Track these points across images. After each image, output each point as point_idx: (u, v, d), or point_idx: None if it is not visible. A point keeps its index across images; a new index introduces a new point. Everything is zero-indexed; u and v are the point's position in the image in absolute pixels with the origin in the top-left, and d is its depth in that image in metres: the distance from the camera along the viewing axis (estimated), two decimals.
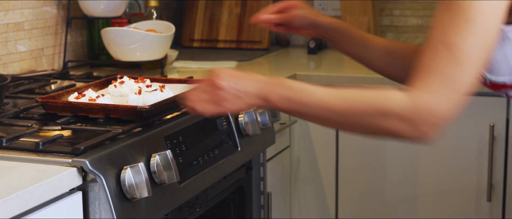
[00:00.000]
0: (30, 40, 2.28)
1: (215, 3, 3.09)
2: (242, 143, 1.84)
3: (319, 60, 2.86)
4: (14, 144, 1.42)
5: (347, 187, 2.49)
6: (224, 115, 1.33)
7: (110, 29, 2.29)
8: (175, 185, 1.52)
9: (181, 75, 2.32)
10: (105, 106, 1.56)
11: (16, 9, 2.20)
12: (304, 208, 2.54)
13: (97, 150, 1.36)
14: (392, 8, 3.05)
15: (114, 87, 1.76)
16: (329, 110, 1.23)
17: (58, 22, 2.41)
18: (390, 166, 2.42)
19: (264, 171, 2.06)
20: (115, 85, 1.76)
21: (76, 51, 2.52)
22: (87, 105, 1.57)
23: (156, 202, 1.45)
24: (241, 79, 1.30)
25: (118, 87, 1.75)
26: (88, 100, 1.61)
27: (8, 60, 2.19)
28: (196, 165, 1.63)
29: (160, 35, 2.30)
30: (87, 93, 1.65)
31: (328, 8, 3.11)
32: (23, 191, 1.18)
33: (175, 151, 1.56)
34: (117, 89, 1.75)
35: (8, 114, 1.63)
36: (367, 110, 1.20)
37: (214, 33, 3.08)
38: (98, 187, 1.33)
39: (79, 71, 2.38)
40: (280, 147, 2.38)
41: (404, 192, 2.42)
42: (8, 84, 1.66)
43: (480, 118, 2.28)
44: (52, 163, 1.32)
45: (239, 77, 1.31)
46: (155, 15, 2.58)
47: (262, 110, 1.91)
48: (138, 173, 1.37)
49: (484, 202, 2.32)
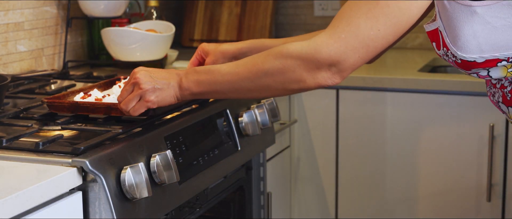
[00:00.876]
0: (30, 40, 2.28)
1: (215, 3, 3.09)
2: (242, 143, 1.84)
3: None
4: (14, 144, 1.42)
5: (347, 187, 2.49)
6: (152, 108, 1.45)
7: (110, 29, 2.29)
8: (175, 185, 1.52)
9: None
10: (111, 106, 1.56)
11: (16, 9, 2.20)
12: (304, 208, 2.54)
13: (97, 150, 1.36)
14: None
15: (119, 88, 1.75)
16: (236, 78, 1.34)
17: (58, 22, 2.41)
18: (390, 166, 2.42)
19: (264, 171, 2.06)
20: (119, 86, 1.76)
21: (76, 51, 2.52)
22: (93, 105, 1.57)
23: (156, 202, 1.45)
24: (157, 72, 1.42)
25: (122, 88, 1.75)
26: (95, 100, 1.61)
27: (8, 60, 2.19)
28: (196, 165, 1.63)
29: (160, 35, 2.30)
30: (93, 94, 1.66)
31: (328, 8, 3.11)
32: (23, 191, 1.18)
33: (175, 151, 1.56)
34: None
35: (8, 114, 1.63)
36: (268, 59, 1.29)
37: (214, 33, 3.08)
38: (98, 187, 1.33)
39: (79, 71, 2.38)
40: (280, 147, 2.38)
41: (404, 192, 2.42)
42: (8, 84, 1.66)
43: (480, 117, 2.28)
44: (52, 163, 1.32)
45: (155, 71, 1.43)
46: (155, 15, 2.58)
47: (262, 110, 1.92)
48: (138, 173, 1.37)
49: (483, 202, 2.32)
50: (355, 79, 2.40)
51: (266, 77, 1.31)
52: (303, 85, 1.29)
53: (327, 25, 1.29)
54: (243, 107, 1.89)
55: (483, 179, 2.31)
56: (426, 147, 2.36)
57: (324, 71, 1.26)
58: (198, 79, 1.39)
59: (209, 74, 1.38)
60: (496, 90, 1.31)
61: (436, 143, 2.36)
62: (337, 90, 2.45)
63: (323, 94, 2.46)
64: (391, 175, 2.43)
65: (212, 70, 1.38)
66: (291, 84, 1.30)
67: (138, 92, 1.42)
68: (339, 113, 2.46)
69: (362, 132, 2.44)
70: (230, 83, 1.35)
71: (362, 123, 2.43)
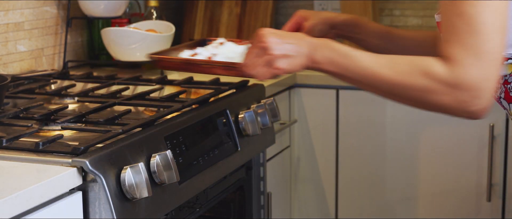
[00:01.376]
0: (30, 40, 2.28)
1: (215, 3, 3.09)
2: (242, 143, 1.84)
3: None
4: (14, 144, 1.42)
5: (347, 187, 2.49)
6: (280, 75, 1.33)
7: (110, 29, 2.29)
8: (175, 185, 1.52)
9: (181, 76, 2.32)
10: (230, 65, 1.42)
11: (16, 9, 2.20)
12: (304, 208, 2.54)
13: (97, 150, 1.36)
14: (392, 8, 3.04)
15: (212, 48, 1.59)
16: (376, 77, 1.23)
17: (58, 22, 2.41)
18: (390, 166, 2.42)
19: (264, 171, 2.06)
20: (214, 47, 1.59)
21: (76, 51, 2.52)
22: (210, 64, 1.45)
23: (156, 202, 1.45)
24: (286, 36, 1.30)
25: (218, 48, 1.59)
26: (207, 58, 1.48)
27: (8, 60, 2.19)
28: (196, 165, 1.63)
29: (160, 35, 2.30)
30: (198, 51, 1.52)
31: (328, 8, 3.11)
32: (23, 191, 1.18)
33: (175, 151, 1.56)
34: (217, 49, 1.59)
35: (8, 114, 1.63)
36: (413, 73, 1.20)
37: (214, 33, 3.08)
38: (98, 187, 1.33)
39: (79, 71, 2.38)
40: (280, 147, 2.38)
41: (404, 192, 2.42)
42: (8, 84, 1.66)
43: None
44: (52, 163, 1.32)
45: (284, 34, 1.30)
46: (155, 15, 2.58)
47: (262, 110, 1.92)
48: (138, 173, 1.37)
49: (483, 202, 2.32)
50: None
51: (410, 90, 1.22)
52: (449, 113, 1.23)
53: None
54: (243, 107, 1.89)
55: (483, 179, 2.31)
56: (426, 147, 2.36)
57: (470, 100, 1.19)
58: (333, 58, 1.26)
59: (347, 58, 1.25)
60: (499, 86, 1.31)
61: (436, 143, 2.36)
62: (337, 90, 2.45)
63: (323, 94, 2.46)
64: (391, 175, 2.43)
65: (351, 55, 1.25)
66: (435, 108, 1.23)
67: (268, 58, 1.29)
68: (339, 113, 2.46)
69: (362, 132, 2.44)
70: (367, 78, 1.24)
71: (362, 122, 2.43)
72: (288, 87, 2.44)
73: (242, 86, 2.00)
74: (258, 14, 3.04)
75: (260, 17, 3.03)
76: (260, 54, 1.30)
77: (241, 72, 1.35)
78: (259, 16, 3.04)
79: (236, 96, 1.91)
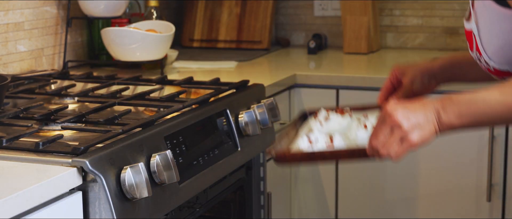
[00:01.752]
0: (30, 40, 2.28)
1: (215, 3, 3.09)
2: (242, 143, 1.84)
3: (319, 60, 2.86)
4: (14, 144, 1.42)
5: (347, 187, 2.49)
6: (414, 150, 1.30)
7: (110, 29, 2.29)
8: (175, 185, 1.52)
9: (181, 76, 2.32)
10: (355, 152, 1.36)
11: (16, 9, 2.20)
12: (304, 208, 2.54)
13: (97, 150, 1.36)
14: (392, 8, 3.05)
15: (320, 125, 1.52)
16: (508, 109, 1.21)
17: (58, 22, 2.41)
18: (390, 166, 2.42)
19: (264, 171, 2.06)
20: (320, 122, 1.53)
21: (76, 51, 2.52)
22: (332, 154, 1.38)
23: (156, 202, 1.45)
24: (412, 107, 1.26)
25: (324, 125, 1.52)
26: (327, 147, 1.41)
27: (8, 60, 2.19)
28: (196, 165, 1.63)
29: (160, 35, 2.30)
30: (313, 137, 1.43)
31: (328, 8, 3.11)
32: (23, 191, 1.18)
33: (175, 151, 1.56)
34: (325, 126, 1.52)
35: (8, 114, 1.63)
36: None
37: (214, 33, 3.09)
38: (98, 187, 1.33)
39: (79, 71, 2.38)
40: None
41: (404, 192, 2.42)
42: (8, 84, 1.66)
43: None
44: (52, 163, 1.32)
45: (410, 105, 1.27)
46: (155, 15, 2.58)
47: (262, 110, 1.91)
48: (138, 173, 1.37)
49: (484, 202, 2.32)
50: (355, 79, 2.40)
51: None
52: None
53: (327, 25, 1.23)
54: (243, 107, 1.89)
55: (483, 179, 2.31)
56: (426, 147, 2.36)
57: None
58: (460, 111, 1.24)
59: (473, 104, 1.23)
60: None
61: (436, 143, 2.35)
62: (337, 90, 2.45)
63: (323, 94, 2.46)
64: (391, 175, 2.43)
65: (476, 100, 1.23)
66: None
67: (400, 135, 1.25)
68: None
69: None
70: (500, 114, 1.23)
71: None
72: (288, 87, 2.44)
73: (242, 86, 2.00)
74: (258, 14, 3.04)
75: (260, 17, 3.04)
76: (391, 132, 1.26)
77: (372, 156, 1.30)
78: (259, 16, 3.04)
79: (236, 96, 1.91)
